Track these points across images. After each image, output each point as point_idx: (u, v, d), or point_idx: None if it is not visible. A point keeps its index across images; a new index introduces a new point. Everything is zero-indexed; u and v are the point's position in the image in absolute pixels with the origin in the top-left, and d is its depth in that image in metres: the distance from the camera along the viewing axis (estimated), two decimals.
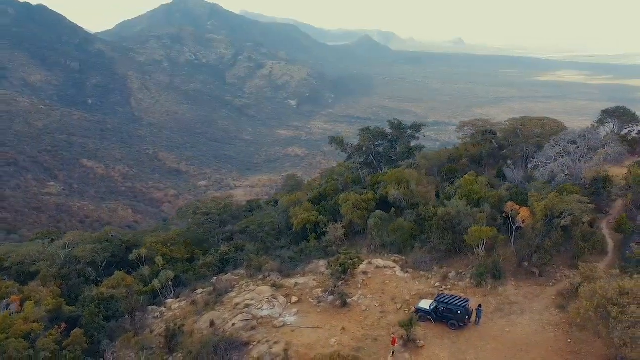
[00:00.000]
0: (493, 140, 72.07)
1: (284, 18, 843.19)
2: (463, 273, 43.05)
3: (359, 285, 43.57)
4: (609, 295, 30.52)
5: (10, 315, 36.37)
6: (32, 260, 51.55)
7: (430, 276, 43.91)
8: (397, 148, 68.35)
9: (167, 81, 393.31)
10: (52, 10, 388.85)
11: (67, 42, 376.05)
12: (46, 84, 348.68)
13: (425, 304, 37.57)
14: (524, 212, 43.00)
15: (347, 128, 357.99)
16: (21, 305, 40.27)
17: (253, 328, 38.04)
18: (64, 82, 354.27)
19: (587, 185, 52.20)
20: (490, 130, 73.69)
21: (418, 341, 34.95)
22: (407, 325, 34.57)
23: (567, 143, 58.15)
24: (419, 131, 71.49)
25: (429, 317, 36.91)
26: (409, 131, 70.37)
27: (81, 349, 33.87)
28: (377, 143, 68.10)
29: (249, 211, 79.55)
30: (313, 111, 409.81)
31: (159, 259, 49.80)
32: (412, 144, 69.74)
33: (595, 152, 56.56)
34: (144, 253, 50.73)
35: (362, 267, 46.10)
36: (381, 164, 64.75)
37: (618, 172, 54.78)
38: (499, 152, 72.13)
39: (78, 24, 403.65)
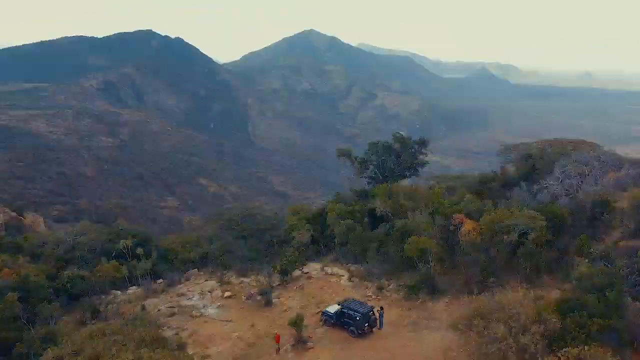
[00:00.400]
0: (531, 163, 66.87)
1: (401, 50, 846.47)
2: (402, 285, 40.71)
3: (295, 288, 43.35)
4: (481, 310, 27.54)
5: None
6: (42, 242, 58.61)
7: (369, 286, 42.22)
8: (401, 163, 66.29)
9: (282, 109, 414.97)
10: (187, 43, 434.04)
11: (198, 72, 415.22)
12: (176, 108, 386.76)
13: (333, 308, 36.41)
14: (467, 225, 39.71)
15: (457, 161, 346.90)
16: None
17: (172, 315, 39.70)
18: (192, 107, 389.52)
19: (588, 209, 46.52)
20: (530, 155, 68.60)
21: (308, 343, 34.01)
22: (295, 324, 33.86)
23: (583, 165, 52.47)
24: (425, 147, 68.72)
25: (332, 321, 35.74)
26: (415, 146, 67.99)
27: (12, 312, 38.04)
28: (383, 157, 66.60)
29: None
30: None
31: (140, 250, 53.82)
32: (419, 159, 67.15)
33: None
34: (129, 244, 54.97)
35: (314, 272, 45.72)
36: (387, 179, 63.16)
37: None
38: (534, 175, 66.69)
39: (208, 55, 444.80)
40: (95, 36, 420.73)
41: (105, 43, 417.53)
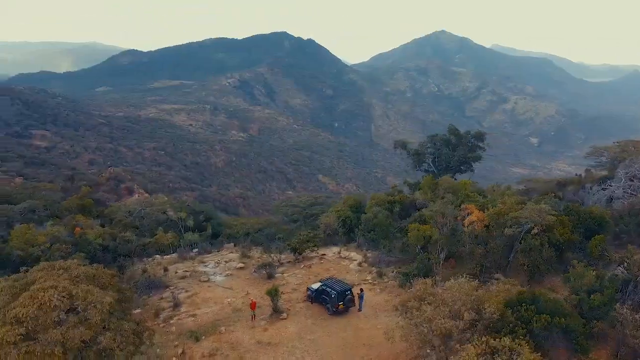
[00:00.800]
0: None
1: (538, 52, 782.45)
2: (399, 272, 39.63)
3: (303, 267, 44.29)
4: (419, 293, 26.39)
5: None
6: (115, 211, 66.46)
7: (373, 271, 41.69)
8: (455, 157, 62.54)
9: (407, 110, 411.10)
10: (318, 44, 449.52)
11: (326, 72, 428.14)
12: (303, 106, 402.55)
13: (315, 285, 36.85)
14: (472, 216, 37.27)
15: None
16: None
17: (183, 277, 43.09)
18: (318, 106, 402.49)
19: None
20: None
21: (283, 313, 34.97)
22: (271, 294, 35.01)
23: None
24: (482, 140, 63.94)
25: (313, 297, 36.24)
26: (472, 140, 63.67)
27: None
28: (440, 150, 63.56)
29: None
30: (556, 151, 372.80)
31: (190, 222, 58.85)
32: (474, 154, 62.79)
33: None
34: (183, 217, 60.14)
35: (330, 255, 46.39)
36: (441, 173, 60.43)
37: None
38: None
39: (338, 56, 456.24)
40: (236, 38, 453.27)
41: (243, 44, 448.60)
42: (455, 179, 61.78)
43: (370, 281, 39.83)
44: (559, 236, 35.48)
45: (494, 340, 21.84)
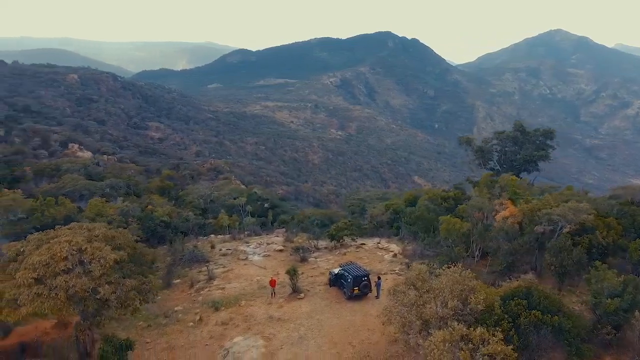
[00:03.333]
0: None
1: None
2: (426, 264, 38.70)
3: (338, 254, 44.85)
4: (411, 280, 26.04)
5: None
6: (189, 194, 71.33)
7: (403, 263, 41.17)
8: (520, 155, 58.16)
9: (513, 113, 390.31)
10: (423, 44, 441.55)
11: (429, 72, 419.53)
12: (403, 107, 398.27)
13: (336, 270, 37.29)
14: (506, 211, 35.36)
15: None
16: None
17: (224, 255, 45.65)
18: (418, 106, 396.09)
19: None
20: None
21: (301, 293, 35.96)
22: (290, 273, 36.13)
23: None
24: (551, 139, 58.79)
25: (333, 281, 36.80)
26: (540, 138, 58.84)
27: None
28: (506, 148, 59.86)
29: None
30: None
31: (250, 208, 61.74)
32: (541, 153, 57.92)
33: None
34: (243, 202, 63.27)
35: (369, 245, 46.57)
36: (506, 171, 56.89)
37: None
38: None
39: (442, 56, 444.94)
40: (340, 37, 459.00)
41: (347, 44, 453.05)
42: (520, 179, 58.52)
43: (397, 272, 39.46)
44: (602, 239, 32.70)
45: (467, 329, 21.17)
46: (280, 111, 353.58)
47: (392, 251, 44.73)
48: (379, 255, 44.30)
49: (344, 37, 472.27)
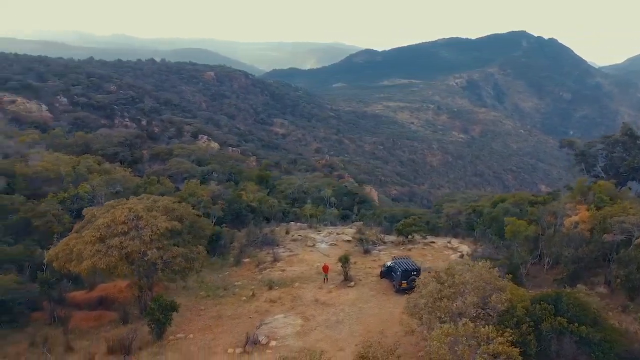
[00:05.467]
0: None
1: None
2: None
3: (402, 249, 44.50)
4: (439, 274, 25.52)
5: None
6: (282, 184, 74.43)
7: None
8: (626, 161, 50.98)
9: None
10: (561, 44, 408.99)
11: (567, 74, 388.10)
12: (534, 111, 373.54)
13: (389, 262, 37.19)
14: (577, 216, 32.43)
15: None
16: None
17: (294, 240, 47.60)
18: (551, 111, 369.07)
19: None
20: None
21: (351, 282, 36.55)
22: (341, 261, 36.85)
23: None
24: None
25: (384, 273, 36.86)
26: None
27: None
28: (614, 153, 53.23)
29: None
30: None
31: (334, 200, 63.12)
32: None
33: None
34: (328, 195, 64.71)
35: (439, 243, 45.75)
36: (611, 178, 50.96)
37: None
38: None
39: (583, 58, 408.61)
40: (469, 37, 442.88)
41: (476, 44, 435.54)
42: (630, 188, 52.77)
43: None
44: None
45: (482, 327, 20.47)
46: (402, 111, 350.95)
47: (460, 251, 43.27)
48: (445, 255, 43.13)
49: (473, 37, 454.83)
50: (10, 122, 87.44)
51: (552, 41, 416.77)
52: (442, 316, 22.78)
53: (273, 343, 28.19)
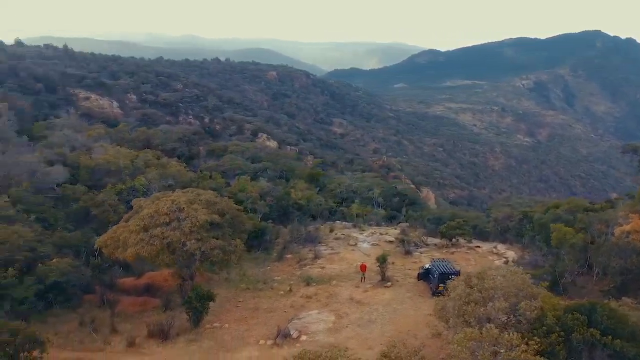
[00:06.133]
0: None
1: None
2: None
3: (445, 252, 43.79)
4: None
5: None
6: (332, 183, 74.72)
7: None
8: None
9: None
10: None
11: None
12: (607, 114, 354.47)
13: (428, 265, 36.77)
14: (630, 225, 30.66)
15: None
16: None
17: (337, 239, 47.95)
18: (626, 115, 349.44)
19: None
20: None
21: (388, 282, 36.49)
22: (379, 261, 36.84)
23: None
24: None
25: (422, 275, 36.53)
26: None
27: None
28: None
29: None
30: None
31: (380, 199, 62.80)
32: None
33: None
34: (376, 195, 64.46)
35: (483, 247, 44.84)
36: None
37: None
38: None
39: None
40: (538, 37, 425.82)
41: (545, 44, 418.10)
42: None
43: None
44: None
45: (501, 333, 20.06)
46: (464, 113, 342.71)
47: (505, 257, 42.05)
48: (489, 260, 42.04)
49: (542, 37, 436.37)
50: (81, 117, 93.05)
51: (629, 41, 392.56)
52: (469, 320, 22.44)
53: (304, 338, 28.70)
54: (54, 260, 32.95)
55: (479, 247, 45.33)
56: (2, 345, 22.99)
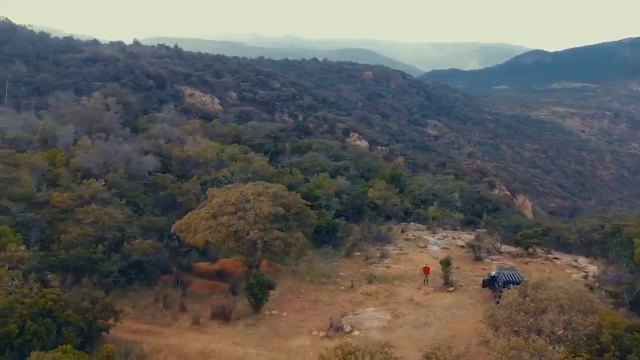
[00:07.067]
0: None
1: None
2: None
3: (519, 261, 42.02)
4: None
5: None
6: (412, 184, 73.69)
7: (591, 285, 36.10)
8: None
9: None
10: None
11: None
12: None
13: (494, 272, 35.59)
14: None
15: None
16: None
17: (407, 240, 47.63)
18: None
19: None
20: None
21: (451, 287, 35.88)
22: (443, 264, 36.27)
23: None
24: None
25: (487, 282, 35.48)
26: None
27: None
28: None
29: None
30: None
31: (459, 203, 61.10)
32: None
33: None
34: (455, 198, 62.65)
35: (562, 260, 42.42)
36: None
37: None
38: None
39: None
40: None
41: None
42: None
43: None
44: None
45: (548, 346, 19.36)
46: (571, 118, 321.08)
47: (586, 272, 39.41)
48: (566, 273, 39.63)
49: None
50: (182, 113, 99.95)
51: None
52: (519, 330, 21.75)
53: (356, 333, 29.21)
54: (137, 240, 36.17)
55: (557, 258, 42.89)
56: (83, 311, 25.86)
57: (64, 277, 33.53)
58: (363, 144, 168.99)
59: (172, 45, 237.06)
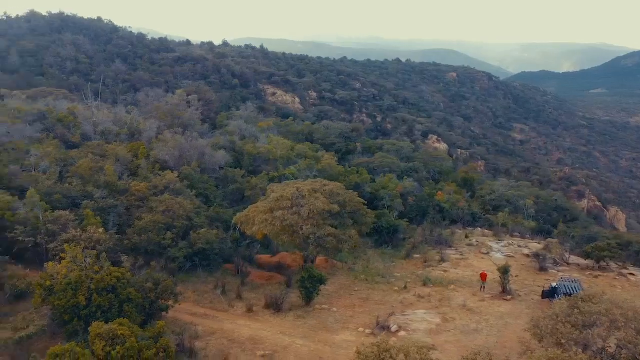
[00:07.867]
0: None
1: None
2: None
3: (587, 273, 39.77)
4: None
5: None
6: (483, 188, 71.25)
7: None
8: None
9: None
10: None
11: None
12: None
13: (554, 283, 34.13)
14: None
15: None
16: None
17: (469, 245, 46.59)
18: None
19: None
20: None
21: (509, 295, 34.88)
22: (500, 271, 35.26)
23: None
24: None
25: (546, 293, 34.13)
26: None
27: None
28: None
29: None
30: None
31: (531, 211, 58.31)
32: None
33: None
34: (528, 204, 59.82)
35: (636, 274, 39.67)
36: None
37: None
38: None
39: None
40: None
41: None
42: None
43: None
44: None
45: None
46: None
47: None
48: (630, 284, 37.12)
49: None
50: (260, 110, 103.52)
51: None
52: (562, 341, 21.00)
53: (402, 333, 29.28)
54: (203, 230, 38.42)
55: (633, 274, 40.11)
56: (145, 291, 28.09)
57: (136, 259, 36.34)
58: (442, 146, 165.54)
59: (257, 46, 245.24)
